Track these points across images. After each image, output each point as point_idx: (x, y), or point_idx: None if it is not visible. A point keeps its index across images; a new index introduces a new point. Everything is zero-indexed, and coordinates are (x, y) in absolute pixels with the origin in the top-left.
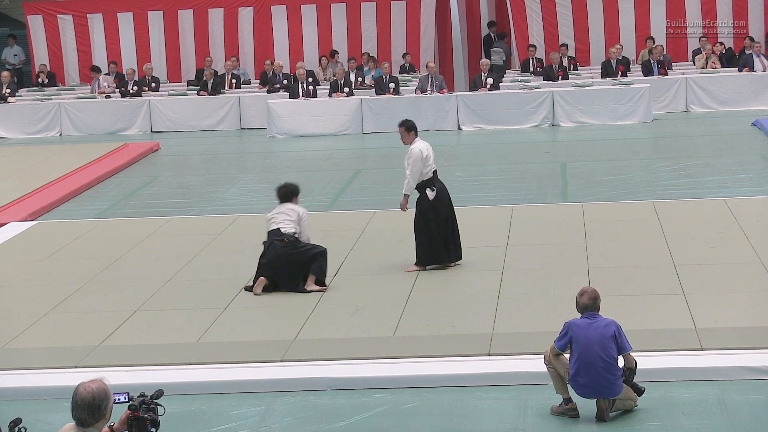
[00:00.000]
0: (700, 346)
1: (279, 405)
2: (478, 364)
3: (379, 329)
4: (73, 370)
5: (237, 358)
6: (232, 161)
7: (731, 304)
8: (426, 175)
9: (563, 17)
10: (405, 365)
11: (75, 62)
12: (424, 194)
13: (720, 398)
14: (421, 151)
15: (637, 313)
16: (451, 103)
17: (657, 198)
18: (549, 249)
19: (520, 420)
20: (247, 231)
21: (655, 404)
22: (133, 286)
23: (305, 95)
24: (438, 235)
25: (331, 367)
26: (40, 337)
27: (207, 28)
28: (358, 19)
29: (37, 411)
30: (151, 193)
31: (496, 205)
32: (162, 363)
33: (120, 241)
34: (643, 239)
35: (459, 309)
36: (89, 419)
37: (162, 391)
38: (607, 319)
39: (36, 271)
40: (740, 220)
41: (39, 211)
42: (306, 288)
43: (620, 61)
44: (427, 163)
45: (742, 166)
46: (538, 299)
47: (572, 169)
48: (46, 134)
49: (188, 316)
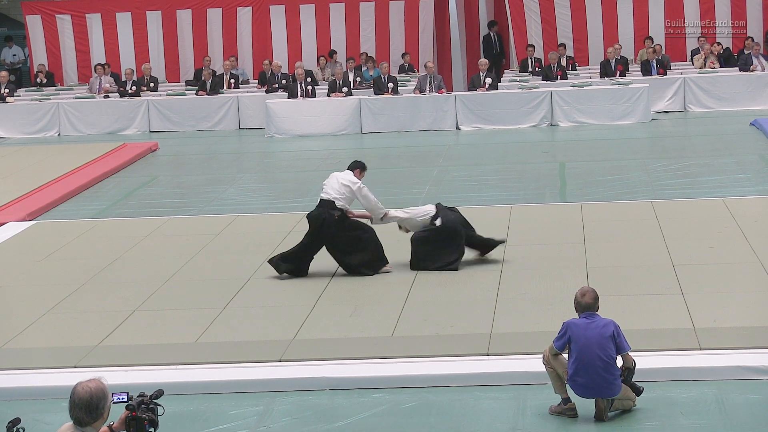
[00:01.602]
0: (699, 346)
1: (278, 405)
2: (477, 363)
3: (378, 329)
4: (72, 370)
5: (236, 357)
6: (230, 161)
7: (730, 304)
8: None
9: (562, 17)
10: (404, 365)
11: (74, 62)
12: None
13: (719, 398)
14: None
15: (636, 312)
16: (450, 103)
17: (655, 198)
18: (547, 249)
19: (519, 420)
20: (245, 231)
21: (654, 404)
22: (132, 286)
23: (304, 95)
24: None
25: (329, 367)
26: (38, 337)
27: (205, 27)
28: (356, 19)
29: (36, 411)
30: (149, 193)
31: (494, 204)
32: (161, 363)
33: (118, 241)
34: (641, 239)
35: (457, 309)
36: (87, 419)
37: (162, 391)
38: (605, 318)
39: (34, 271)
40: (739, 220)
41: (37, 211)
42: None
43: (619, 60)
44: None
45: (741, 166)
46: (537, 299)
47: (571, 168)
48: (44, 134)
49: (187, 316)
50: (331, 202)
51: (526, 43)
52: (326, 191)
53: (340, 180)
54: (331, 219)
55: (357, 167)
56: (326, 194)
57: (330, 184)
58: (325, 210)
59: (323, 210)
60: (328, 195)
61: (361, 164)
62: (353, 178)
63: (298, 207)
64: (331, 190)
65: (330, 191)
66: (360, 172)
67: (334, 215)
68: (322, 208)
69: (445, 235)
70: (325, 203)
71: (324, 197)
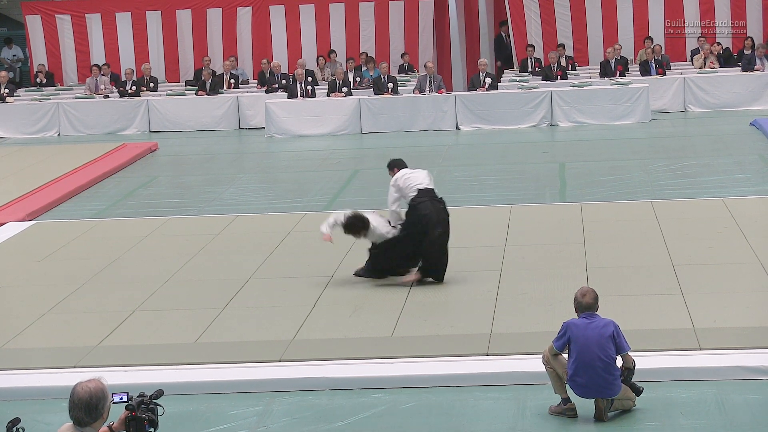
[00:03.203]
0: (699, 346)
1: (277, 405)
2: (477, 364)
3: (378, 329)
4: (72, 370)
5: (235, 358)
6: (230, 161)
7: (730, 304)
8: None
9: (561, 17)
10: (403, 365)
11: (73, 62)
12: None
13: (718, 398)
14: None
15: (636, 313)
16: (450, 103)
17: (655, 198)
18: (547, 249)
19: (519, 420)
20: (245, 231)
21: (654, 404)
22: (132, 286)
23: (304, 95)
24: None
25: (329, 367)
26: (38, 337)
27: (205, 28)
28: (356, 19)
29: (36, 411)
30: (149, 193)
31: (494, 205)
32: (160, 363)
33: (118, 241)
34: (641, 239)
35: (457, 309)
36: (86, 419)
37: (162, 391)
38: (605, 319)
39: (34, 272)
40: (738, 220)
41: (37, 211)
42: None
43: (618, 60)
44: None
45: (741, 166)
46: (537, 299)
47: (570, 169)
48: (44, 134)
49: (187, 316)
50: (432, 190)
51: (525, 43)
52: (420, 181)
53: (423, 173)
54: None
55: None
56: (424, 185)
57: (418, 177)
58: (438, 201)
59: (437, 201)
60: (426, 185)
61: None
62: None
63: (297, 207)
64: (426, 179)
65: (425, 180)
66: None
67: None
68: (432, 200)
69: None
70: (428, 192)
71: (424, 187)
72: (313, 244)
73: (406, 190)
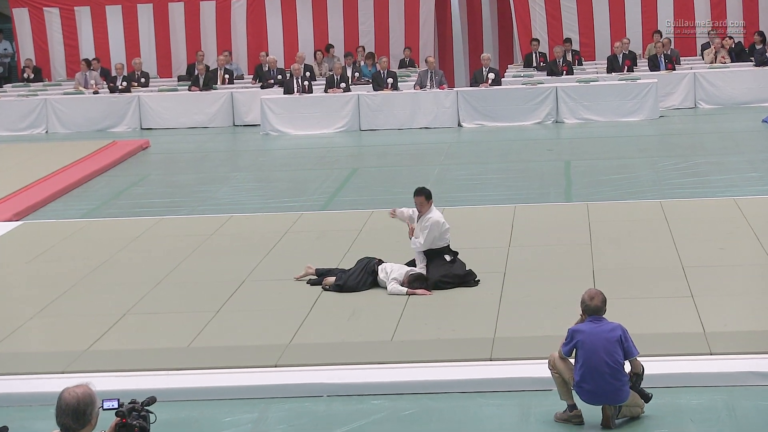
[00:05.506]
0: (709, 351)
1: (273, 412)
2: (480, 369)
3: (377, 333)
4: (60, 375)
5: (230, 363)
6: (224, 159)
7: (741, 307)
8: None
9: (567, 10)
10: (404, 370)
11: (62, 57)
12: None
13: (729, 405)
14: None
15: (644, 316)
16: (452, 99)
17: (664, 197)
18: (552, 250)
19: (523, 427)
20: (240, 231)
21: (663, 411)
22: (122, 288)
23: (300, 91)
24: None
25: (327, 373)
26: (25, 341)
27: (198, 21)
28: (354, 12)
29: (23, 418)
30: (140, 192)
31: (497, 204)
32: (152, 368)
33: (108, 242)
34: (649, 240)
35: (459, 312)
36: (74, 425)
37: (154, 398)
38: (612, 322)
39: (21, 274)
40: (750, 220)
41: (24, 211)
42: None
43: (626, 55)
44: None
45: (752, 165)
46: (542, 302)
47: (576, 167)
48: (31, 131)
49: (179, 320)
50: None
51: (530, 37)
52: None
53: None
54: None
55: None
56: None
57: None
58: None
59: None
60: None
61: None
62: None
63: (294, 207)
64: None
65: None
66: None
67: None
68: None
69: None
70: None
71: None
72: (311, 244)
73: (439, 240)
